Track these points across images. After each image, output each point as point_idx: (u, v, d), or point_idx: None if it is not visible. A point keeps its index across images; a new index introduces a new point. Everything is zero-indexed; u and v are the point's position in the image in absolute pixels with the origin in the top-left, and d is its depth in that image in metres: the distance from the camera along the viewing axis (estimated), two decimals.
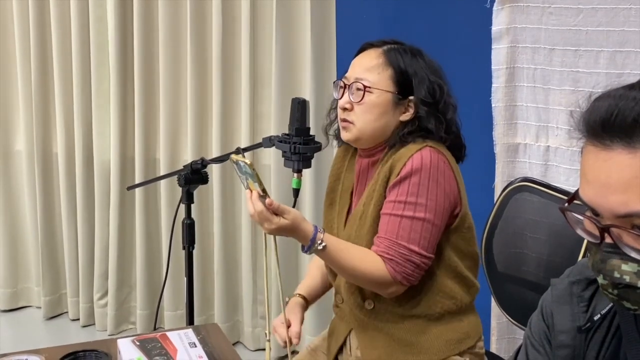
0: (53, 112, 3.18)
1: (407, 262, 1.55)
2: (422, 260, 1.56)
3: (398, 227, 1.56)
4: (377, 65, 1.63)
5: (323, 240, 1.54)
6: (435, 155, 1.57)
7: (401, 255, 1.55)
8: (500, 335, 2.33)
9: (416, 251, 1.55)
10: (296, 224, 1.51)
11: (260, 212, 1.48)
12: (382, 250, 1.56)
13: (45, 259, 3.29)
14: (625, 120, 0.81)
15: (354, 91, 1.63)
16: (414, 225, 1.55)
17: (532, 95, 2.19)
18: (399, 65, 1.63)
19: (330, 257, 1.56)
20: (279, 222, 1.49)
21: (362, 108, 1.62)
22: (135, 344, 1.48)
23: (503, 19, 2.18)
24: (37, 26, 3.10)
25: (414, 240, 1.55)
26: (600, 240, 0.85)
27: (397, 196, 1.57)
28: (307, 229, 1.53)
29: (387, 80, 1.62)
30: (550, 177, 2.15)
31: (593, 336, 0.99)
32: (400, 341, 1.66)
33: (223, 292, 3.03)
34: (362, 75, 1.63)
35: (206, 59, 2.92)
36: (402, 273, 1.55)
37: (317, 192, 2.79)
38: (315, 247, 1.53)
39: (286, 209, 1.50)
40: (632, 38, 1.96)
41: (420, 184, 1.55)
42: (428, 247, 1.57)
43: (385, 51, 1.65)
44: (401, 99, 1.63)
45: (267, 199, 1.47)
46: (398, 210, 1.56)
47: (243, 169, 1.50)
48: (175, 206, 2.02)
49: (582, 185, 0.87)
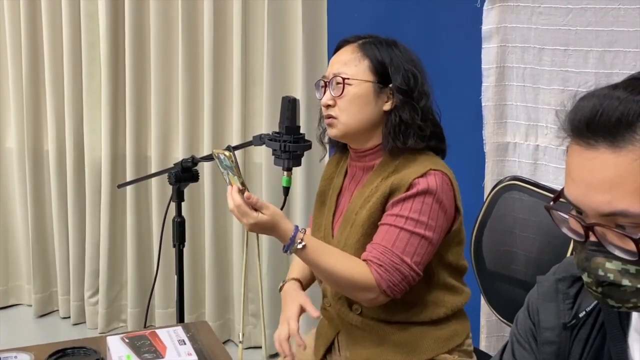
0: (44, 109, 3.18)
1: (395, 271, 1.54)
2: (411, 273, 1.55)
3: (396, 238, 1.55)
4: (354, 58, 1.64)
5: (303, 240, 1.52)
6: (440, 179, 1.58)
7: (392, 264, 1.54)
8: (490, 333, 2.34)
9: (408, 263, 1.54)
10: (275, 221, 1.50)
11: (238, 205, 1.47)
12: (373, 255, 1.55)
13: (36, 256, 3.28)
14: (609, 120, 0.82)
15: (334, 86, 1.63)
16: (412, 239, 1.55)
17: (521, 95, 2.20)
18: (375, 56, 1.63)
19: (310, 258, 1.55)
20: (257, 217, 1.48)
21: (344, 101, 1.63)
22: (125, 341, 1.48)
23: (493, 18, 2.18)
24: (28, 23, 3.09)
25: (409, 252, 1.55)
26: (585, 238, 0.86)
27: (400, 210, 1.56)
28: (286, 227, 1.52)
29: (365, 70, 1.62)
30: (539, 175, 2.16)
31: (578, 333, 1.00)
32: (389, 341, 1.66)
33: (214, 290, 3.03)
34: (340, 70, 1.63)
35: (197, 57, 2.92)
36: (388, 281, 1.54)
37: (308, 192, 2.80)
38: (295, 246, 1.52)
39: (265, 204, 1.50)
40: (621, 38, 1.97)
41: (424, 203, 1.56)
42: (420, 263, 1.57)
43: (360, 45, 1.66)
44: (382, 88, 1.63)
45: (245, 192, 1.47)
46: (399, 223, 1.56)
47: (224, 162, 1.49)
48: (166, 204, 2.02)
49: (567, 184, 0.88)
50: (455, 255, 1.68)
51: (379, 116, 1.64)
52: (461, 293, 1.71)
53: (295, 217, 2.89)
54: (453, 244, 1.66)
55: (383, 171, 1.64)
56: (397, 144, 1.61)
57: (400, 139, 1.61)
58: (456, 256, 1.68)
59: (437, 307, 1.66)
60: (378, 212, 1.61)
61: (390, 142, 1.62)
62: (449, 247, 1.66)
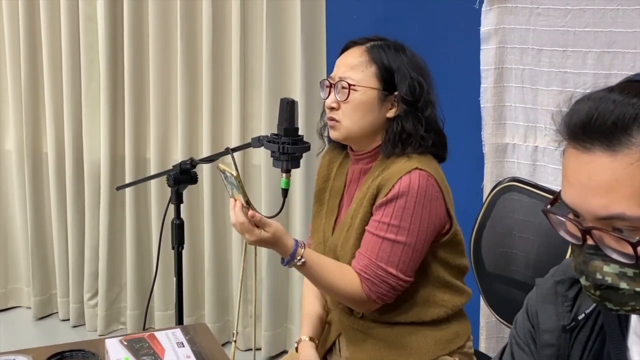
0: (43, 111, 3.17)
1: (382, 283, 1.57)
2: (398, 282, 1.58)
3: (378, 249, 1.57)
4: (361, 63, 1.63)
5: (303, 256, 1.56)
6: (424, 179, 1.57)
7: (377, 276, 1.57)
8: (489, 335, 2.34)
9: (393, 274, 1.57)
10: (277, 238, 1.53)
11: (242, 223, 1.50)
12: (360, 268, 1.59)
13: (35, 259, 3.28)
14: (605, 124, 0.82)
15: (340, 90, 1.63)
16: (394, 248, 1.57)
17: (520, 96, 2.20)
18: (382, 62, 1.63)
19: (308, 273, 1.59)
20: (260, 235, 1.51)
21: (348, 106, 1.63)
22: (123, 343, 1.48)
23: (491, 19, 2.18)
24: (27, 25, 3.09)
25: (393, 263, 1.57)
26: (582, 242, 0.86)
27: (381, 217, 1.58)
28: (287, 244, 1.55)
29: (371, 77, 1.62)
30: (538, 177, 2.16)
31: (577, 335, 1.00)
32: (390, 343, 1.67)
33: (213, 292, 3.03)
34: (347, 74, 1.63)
35: (196, 59, 2.92)
36: (377, 293, 1.58)
37: (307, 193, 2.80)
38: (295, 262, 1.56)
39: (268, 222, 1.52)
40: (620, 39, 1.97)
41: (406, 207, 1.56)
42: (407, 270, 1.58)
43: (369, 48, 1.65)
44: (387, 95, 1.63)
45: (249, 211, 1.49)
46: (381, 232, 1.58)
47: (229, 179, 1.50)
48: (165, 206, 2.02)
49: (563, 187, 0.87)
50: (455, 255, 1.68)
51: (381, 122, 1.64)
52: (462, 293, 1.71)
53: (295, 218, 2.89)
54: (451, 244, 1.67)
55: (376, 171, 1.64)
56: (396, 151, 1.61)
57: (399, 147, 1.61)
58: (456, 255, 1.69)
59: (437, 307, 1.67)
60: (368, 215, 1.62)
61: (389, 148, 1.62)
62: (447, 247, 1.66)
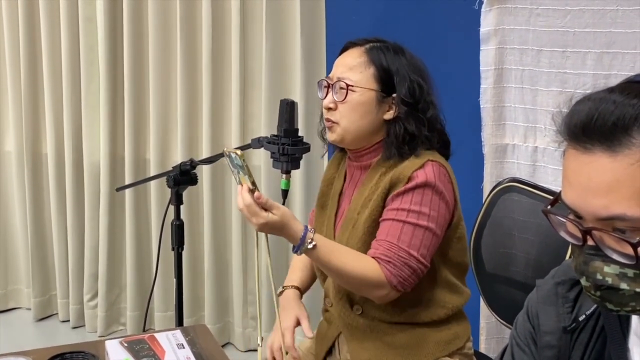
0: (42, 112, 3.18)
1: (404, 266, 1.53)
2: (419, 266, 1.55)
3: (400, 232, 1.55)
4: (360, 63, 1.63)
5: (313, 240, 1.51)
6: (437, 169, 1.58)
7: (400, 259, 1.53)
8: (489, 335, 2.34)
9: (415, 256, 1.54)
10: (285, 221, 1.48)
11: (248, 205, 1.44)
12: (381, 252, 1.54)
13: (35, 260, 3.27)
14: (605, 124, 0.82)
15: (337, 90, 1.63)
16: (416, 231, 1.55)
17: (520, 96, 2.20)
18: (381, 63, 1.62)
19: (320, 258, 1.53)
20: (268, 217, 1.46)
21: (346, 107, 1.62)
22: (123, 345, 1.48)
23: (491, 20, 2.19)
24: (27, 26, 3.09)
25: (415, 246, 1.54)
26: (583, 242, 0.86)
27: (400, 204, 1.56)
28: (296, 228, 1.50)
29: (369, 78, 1.62)
30: (538, 177, 2.16)
31: (578, 337, 1.00)
32: (390, 344, 1.66)
33: (213, 293, 3.03)
34: (345, 75, 1.63)
35: (196, 60, 2.92)
36: (398, 277, 1.53)
37: (307, 194, 2.80)
38: (305, 246, 1.50)
39: (275, 204, 1.48)
40: (619, 39, 1.97)
41: (424, 194, 1.56)
42: (427, 255, 1.56)
43: (368, 49, 1.65)
44: (385, 97, 1.63)
45: (255, 192, 1.45)
46: (401, 217, 1.56)
47: (235, 161, 1.48)
48: (165, 207, 2.02)
49: (564, 188, 0.87)
50: (456, 252, 1.68)
51: (378, 124, 1.64)
52: (462, 293, 1.70)
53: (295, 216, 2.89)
54: (454, 240, 1.66)
55: (381, 167, 1.64)
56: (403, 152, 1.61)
57: (406, 149, 1.61)
58: (458, 252, 1.68)
59: (438, 308, 1.66)
60: (380, 209, 1.60)
61: (394, 150, 1.61)
62: (450, 243, 1.65)
